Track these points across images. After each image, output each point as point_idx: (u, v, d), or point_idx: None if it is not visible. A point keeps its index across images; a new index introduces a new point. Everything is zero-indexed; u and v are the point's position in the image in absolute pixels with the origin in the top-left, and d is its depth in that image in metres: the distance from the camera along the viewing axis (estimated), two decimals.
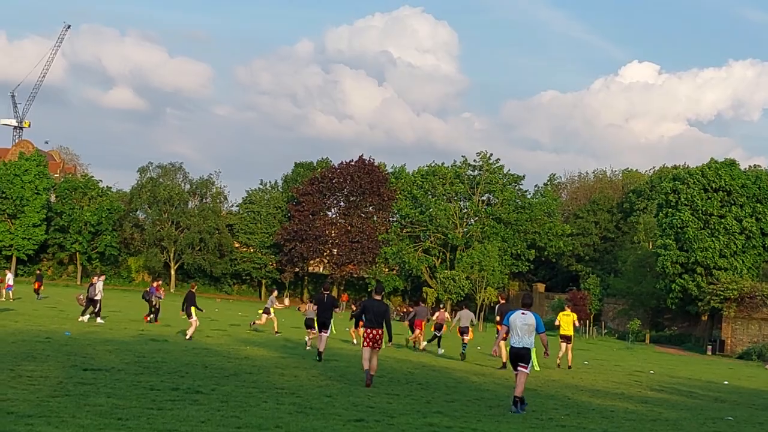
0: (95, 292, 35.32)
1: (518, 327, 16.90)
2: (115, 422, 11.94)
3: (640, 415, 18.14)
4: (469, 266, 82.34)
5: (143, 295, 39.05)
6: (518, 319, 16.97)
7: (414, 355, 30.85)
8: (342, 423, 13.44)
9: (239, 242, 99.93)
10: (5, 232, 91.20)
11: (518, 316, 16.99)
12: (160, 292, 38.29)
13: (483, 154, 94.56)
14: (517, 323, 16.94)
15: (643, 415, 18.05)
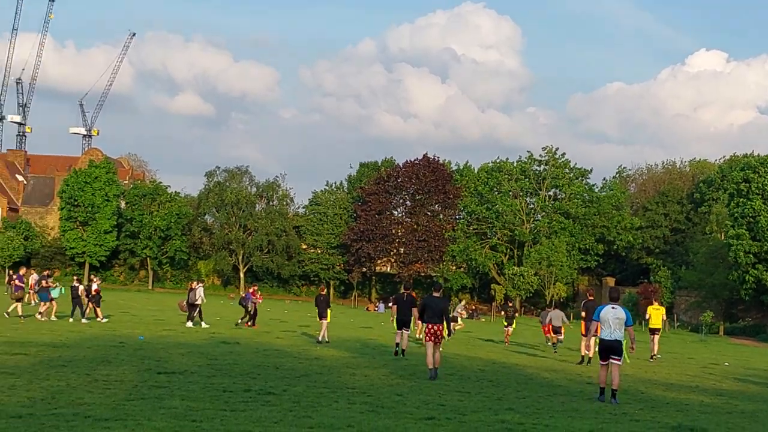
0: (196, 297, 35.83)
1: (610, 320, 17.30)
2: (189, 424, 12.07)
3: (716, 407, 17.88)
4: (537, 262, 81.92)
5: (240, 300, 39.50)
6: (609, 313, 17.36)
7: (484, 352, 30.76)
8: (413, 421, 13.44)
9: (306, 244, 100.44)
10: (77, 239, 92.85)
11: (609, 310, 17.40)
12: (257, 297, 38.77)
13: (549, 149, 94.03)
14: (609, 317, 17.33)
15: (718, 408, 17.78)
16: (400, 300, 26.77)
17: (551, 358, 29.65)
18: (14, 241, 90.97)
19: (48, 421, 11.71)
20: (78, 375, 16.85)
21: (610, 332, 17.31)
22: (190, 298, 35.86)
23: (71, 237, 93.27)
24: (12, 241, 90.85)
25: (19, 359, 19.28)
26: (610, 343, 17.36)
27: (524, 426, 13.61)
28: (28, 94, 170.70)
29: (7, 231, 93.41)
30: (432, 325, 20.02)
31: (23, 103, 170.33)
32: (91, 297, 36.06)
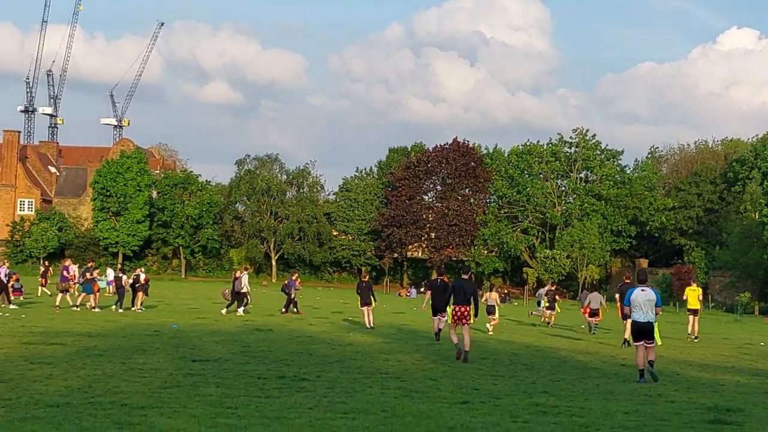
0: (241, 285, 36.10)
1: (641, 303, 17.49)
2: (225, 411, 12.15)
3: (752, 387, 17.76)
4: (569, 245, 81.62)
5: (282, 288, 39.77)
6: (640, 296, 17.54)
7: (517, 335, 30.71)
8: (447, 405, 13.45)
9: (337, 230, 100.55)
10: (111, 229, 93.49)
11: (639, 293, 17.58)
12: (298, 284, 39.09)
13: (579, 131, 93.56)
14: (640, 299, 17.51)
15: (755, 388, 17.67)
16: (434, 286, 26.82)
17: (585, 341, 29.56)
18: (48, 233, 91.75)
19: (85, 410, 11.82)
20: (114, 364, 17.00)
21: (644, 314, 17.50)
22: (236, 287, 36.15)
23: (104, 227, 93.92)
24: (46, 232, 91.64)
25: (56, 349, 19.47)
26: (643, 326, 17.57)
27: (559, 408, 13.59)
28: (59, 86, 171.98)
29: (42, 222, 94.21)
30: (459, 307, 20.35)
31: (54, 95, 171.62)
32: (140, 286, 36.38)
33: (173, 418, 11.46)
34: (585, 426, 12.16)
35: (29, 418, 11.18)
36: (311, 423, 11.53)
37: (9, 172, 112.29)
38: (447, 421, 12.03)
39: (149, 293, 38.26)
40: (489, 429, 11.62)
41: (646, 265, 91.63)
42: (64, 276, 35.90)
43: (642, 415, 13.36)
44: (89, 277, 35.44)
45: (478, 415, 12.74)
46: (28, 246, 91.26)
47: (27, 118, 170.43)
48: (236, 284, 36.17)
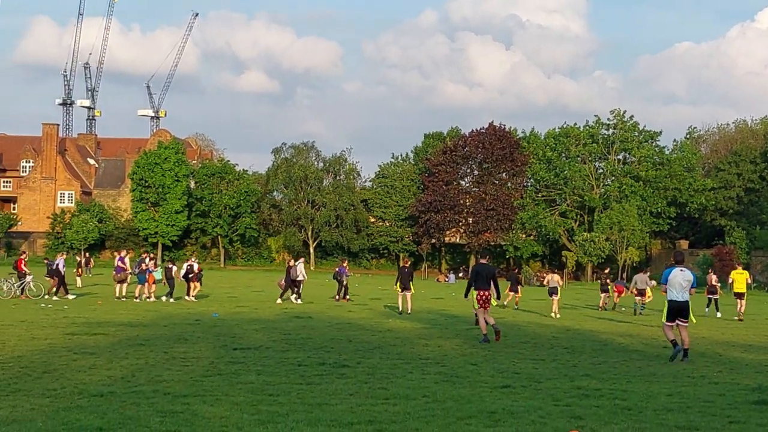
0: (296, 273, 36.45)
1: (679, 283, 17.82)
2: (267, 398, 12.20)
3: None
4: (608, 227, 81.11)
5: (334, 275, 40.17)
6: (678, 276, 17.83)
7: (557, 319, 30.58)
8: (489, 390, 13.42)
9: (375, 217, 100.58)
10: (150, 219, 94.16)
11: (677, 273, 17.87)
12: (348, 271, 39.51)
13: (617, 112, 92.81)
14: (678, 279, 17.84)
15: None
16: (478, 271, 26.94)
17: (627, 323, 29.40)
18: (89, 224, 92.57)
19: (129, 399, 11.92)
20: (156, 353, 17.13)
21: (681, 294, 17.80)
22: (291, 275, 36.43)
23: (143, 218, 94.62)
24: (86, 223, 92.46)
25: (99, 339, 19.66)
26: (680, 305, 17.86)
27: (601, 392, 13.52)
28: (96, 78, 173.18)
29: (82, 214, 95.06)
30: (483, 291, 20.92)
31: (92, 88, 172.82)
32: (194, 276, 36.69)
33: (215, 406, 11.52)
34: (628, 409, 12.09)
35: (74, 407, 11.29)
36: (352, 409, 11.55)
37: (49, 164, 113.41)
38: (488, 406, 12.00)
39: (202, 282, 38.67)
40: (531, 413, 11.58)
41: (686, 246, 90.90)
42: (120, 267, 36.31)
43: (685, 397, 13.26)
44: (143, 268, 35.78)
45: (520, 399, 12.71)
46: (69, 238, 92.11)
47: (65, 110, 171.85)
48: (291, 272, 36.55)
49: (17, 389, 12.56)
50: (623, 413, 11.78)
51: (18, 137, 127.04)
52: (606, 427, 10.76)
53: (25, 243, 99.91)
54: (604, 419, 11.30)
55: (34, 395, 12.12)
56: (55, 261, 36.97)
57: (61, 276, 36.29)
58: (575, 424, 10.83)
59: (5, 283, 35.88)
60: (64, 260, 38.04)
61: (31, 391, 12.47)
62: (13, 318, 25.02)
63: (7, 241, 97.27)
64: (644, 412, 11.87)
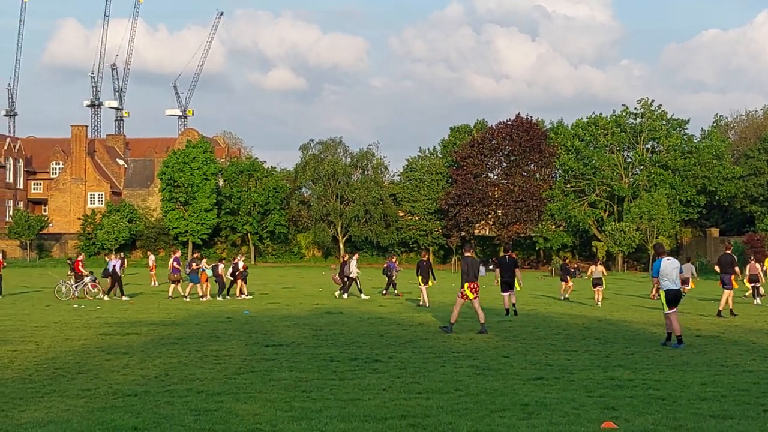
0: (350, 270, 36.63)
1: (671, 272, 18.64)
2: (300, 395, 12.25)
3: None
4: (637, 216, 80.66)
5: (383, 270, 40.39)
6: (668, 266, 18.71)
7: (588, 309, 30.47)
8: (521, 382, 13.42)
9: (403, 211, 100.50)
10: (180, 218, 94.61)
11: (667, 263, 18.73)
12: (398, 266, 39.80)
13: (644, 101, 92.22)
14: (669, 269, 18.64)
15: None
16: (503, 263, 27.17)
17: (659, 312, 29.23)
18: (119, 224, 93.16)
19: (162, 398, 12.00)
20: (189, 351, 17.23)
21: (675, 282, 18.76)
22: (345, 271, 36.61)
23: (173, 217, 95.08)
24: (117, 224, 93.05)
25: (132, 338, 19.79)
26: (676, 292, 18.87)
27: (634, 382, 13.49)
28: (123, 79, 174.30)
29: (112, 215, 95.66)
30: (473, 283, 21.50)
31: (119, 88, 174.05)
32: (239, 274, 36.85)
33: (249, 404, 11.58)
34: (662, 398, 12.05)
35: (108, 407, 11.38)
36: (386, 404, 11.58)
37: (78, 166, 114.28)
38: (521, 398, 12.00)
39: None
40: (564, 405, 11.56)
41: (717, 234, 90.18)
42: (174, 267, 36.57)
43: (719, 385, 13.20)
44: (195, 267, 36.02)
45: (553, 391, 12.69)
46: (100, 238, 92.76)
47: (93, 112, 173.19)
48: (345, 269, 36.76)
49: (52, 390, 12.68)
50: (657, 403, 11.74)
51: (47, 139, 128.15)
52: (640, 418, 10.73)
53: (57, 244, 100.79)
54: (637, 409, 11.27)
55: (68, 396, 12.23)
56: (111, 262, 37.33)
57: (118, 277, 36.69)
58: (609, 416, 10.81)
59: (64, 284, 36.32)
60: (119, 261, 38.49)
61: (65, 391, 12.58)
62: (47, 319, 25.23)
63: (39, 243, 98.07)
64: (678, 402, 11.82)
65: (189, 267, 36.33)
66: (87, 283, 36.26)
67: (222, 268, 37.20)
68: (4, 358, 16.12)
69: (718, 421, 10.60)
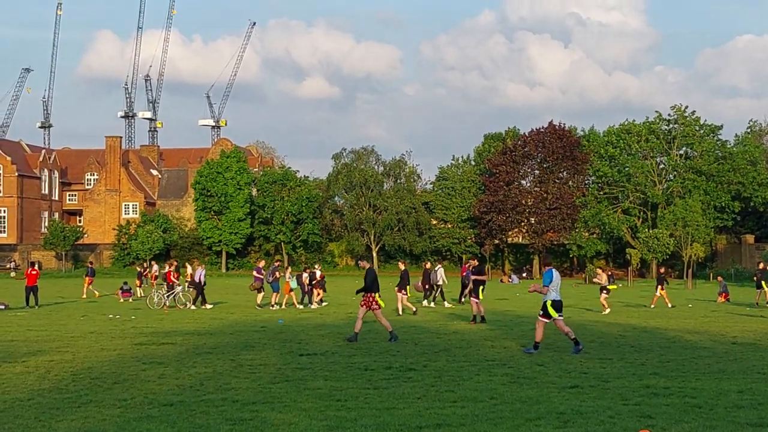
0: (437, 278, 36.96)
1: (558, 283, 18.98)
2: (334, 404, 12.27)
3: None
4: (672, 223, 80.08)
5: (463, 278, 40.59)
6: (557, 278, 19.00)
7: (623, 317, 30.32)
8: (557, 390, 13.37)
9: (436, 219, 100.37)
10: (213, 228, 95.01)
11: (557, 275, 19.00)
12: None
13: (677, 107, 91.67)
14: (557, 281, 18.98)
15: None
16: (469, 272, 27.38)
17: (693, 320, 29.03)
18: (153, 235, 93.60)
19: (198, 408, 12.06)
20: (223, 361, 17.29)
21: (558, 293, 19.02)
22: (432, 279, 36.77)
23: (207, 227, 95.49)
24: (151, 234, 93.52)
25: (167, 348, 19.89)
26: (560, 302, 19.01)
27: (670, 390, 13.40)
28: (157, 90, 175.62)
29: (146, 225, 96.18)
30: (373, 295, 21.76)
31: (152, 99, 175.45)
32: (317, 283, 37.14)
33: (284, 413, 11.62)
34: (698, 407, 11.97)
35: (144, 417, 11.45)
36: (420, 413, 11.57)
37: (113, 177, 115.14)
38: (557, 407, 11.96)
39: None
40: (600, 413, 11.51)
41: (752, 240, 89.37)
42: (257, 277, 36.84)
43: (756, 393, 13.09)
44: (277, 276, 36.37)
45: (588, 399, 12.64)
46: (135, 248, 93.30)
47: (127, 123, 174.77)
48: (432, 276, 37.07)
49: (89, 400, 12.77)
50: (693, 411, 11.66)
51: (82, 151, 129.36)
52: (676, 426, 10.67)
53: (92, 255, 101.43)
54: (674, 418, 11.20)
55: (105, 406, 12.31)
56: (199, 271, 37.77)
57: (201, 287, 37.03)
58: (645, 424, 10.75)
59: (156, 294, 36.77)
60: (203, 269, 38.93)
61: (102, 401, 12.67)
62: (83, 330, 25.42)
63: (74, 253, 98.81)
64: (714, 410, 11.73)
65: (272, 275, 36.65)
66: (178, 292, 36.76)
67: (306, 277, 37.63)
68: (41, 369, 16.26)
69: (756, 429, 10.52)
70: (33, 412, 11.91)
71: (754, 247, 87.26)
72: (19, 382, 14.55)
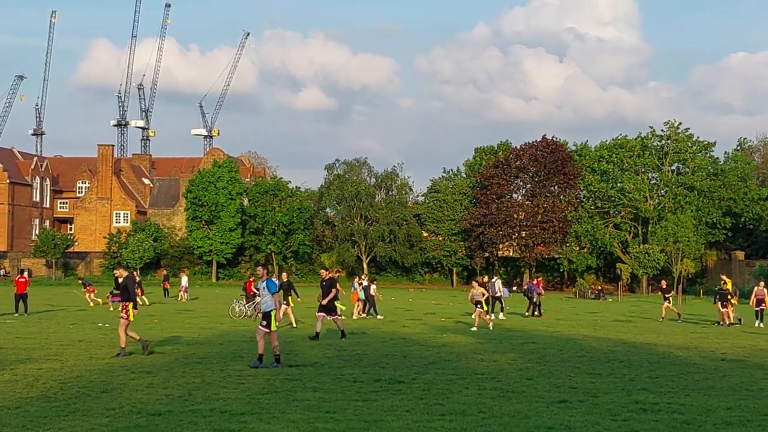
0: (495, 290, 37.57)
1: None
2: (323, 415, 12.25)
3: None
4: (663, 239, 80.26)
5: (524, 292, 40.72)
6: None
7: (613, 332, 30.34)
8: (545, 405, 13.37)
9: (428, 231, 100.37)
10: (204, 237, 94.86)
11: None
12: (540, 288, 40.07)
13: (670, 123, 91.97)
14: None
15: None
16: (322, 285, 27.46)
17: (683, 336, 29.07)
18: (144, 243, 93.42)
19: (186, 418, 12.04)
20: (212, 371, 17.26)
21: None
22: (491, 291, 37.18)
23: (198, 236, 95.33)
24: (142, 243, 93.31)
25: (156, 358, 19.85)
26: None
27: (659, 405, 13.42)
28: (150, 99, 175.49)
29: (137, 233, 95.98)
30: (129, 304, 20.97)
31: (145, 108, 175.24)
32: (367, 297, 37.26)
33: (272, 424, 11.60)
34: (687, 423, 11.98)
35: (132, 426, 11.42)
36: (409, 426, 11.57)
37: (105, 185, 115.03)
38: (545, 421, 11.96)
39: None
40: (588, 428, 11.51)
41: (742, 257, 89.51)
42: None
43: (745, 410, 13.11)
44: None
45: (577, 414, 12.64)
46: (125, 257, 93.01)
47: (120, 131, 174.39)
48: (490, 289, 37.20)
49: (76, 409, 12.73)
50: (682, 428, 11.67)
51: (74, 158, 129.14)
52: None
53: (82, 263, 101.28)
54: None
55: (93, 415, 12.28)
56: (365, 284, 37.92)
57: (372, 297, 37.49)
58: None
59: (237, 304, 36.74)
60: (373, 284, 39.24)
61: (90, 410, 12.63)
62: (72, 338, 25.35)
63: (64, 261, 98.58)
64: (703, 427, 11.75)
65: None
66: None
67: (374, 288, 37.94)
68: (29, 377, 16.21)
69: None
70: (21, 420, 11.87)
71: (744, 264, 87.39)
72: (6, 390, 14.50)
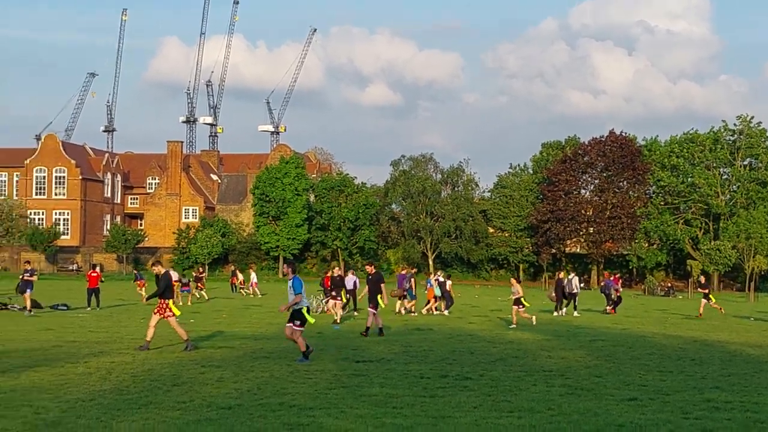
0: (573, 287, 37.68)
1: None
2: (390, 411, 12.26)
3: None
4: (735, 235, 79.02)
5: (602, 288, 40.80)
6: None
7: (683, 329, 29.94)
8: (615, 402, 13.24)
9: (494, 227, 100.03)
10: (271, 233, 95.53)
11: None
12: (618, 284, 40.21)
13: (743, 117, 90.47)
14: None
15: None
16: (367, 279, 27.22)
17: (755, 333, 28.59)
18: (212, 239, 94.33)
19: (256, 411, 12.13)
20: (280, 366, 17.36)
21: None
22: (568, 288, 37.35)
23: (265, 232, 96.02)
24: (210, 238, 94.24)
25: (225, 352, 20.02)
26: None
27: (732, 404, 13.20)
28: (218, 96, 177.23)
29: (206, 229, 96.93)
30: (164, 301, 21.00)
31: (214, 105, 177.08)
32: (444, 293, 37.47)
33: (340, 419, 11.63)
34: (760, 422, 11.78)
35: (203, 420, 11.54)
36: (477, 422, 11.52)
37: (174, 181, 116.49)
38: (615, 419, 11.84)
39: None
40: (660, 426, 11.37)
41: None
42: (402, 283, 37.13)
43: None
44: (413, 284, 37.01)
45: (648, 412, 12.50)
46: (194, 252, 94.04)
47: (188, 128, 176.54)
48: (567, 286, 37.45)
49: (149, 402, 12.90)
50: (756, 426, 11.48)
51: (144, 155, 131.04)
52: None
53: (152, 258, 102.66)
54: None
55: (164, 408, 12.43)
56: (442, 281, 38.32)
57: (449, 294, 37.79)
58: None
59: (314, 299, 37.26)
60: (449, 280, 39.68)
61: (161, 403, 12.79)
62: (143, 332, 25.63)
63: (135, 256, 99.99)
64: None
65: (407, 282, 37.11)
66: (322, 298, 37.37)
67: (450, 284, 38.14)
68: (101, 370, 16.45)
69: None
70: (95, 412, 12.06)
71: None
72: (81, 383, 14.74)
